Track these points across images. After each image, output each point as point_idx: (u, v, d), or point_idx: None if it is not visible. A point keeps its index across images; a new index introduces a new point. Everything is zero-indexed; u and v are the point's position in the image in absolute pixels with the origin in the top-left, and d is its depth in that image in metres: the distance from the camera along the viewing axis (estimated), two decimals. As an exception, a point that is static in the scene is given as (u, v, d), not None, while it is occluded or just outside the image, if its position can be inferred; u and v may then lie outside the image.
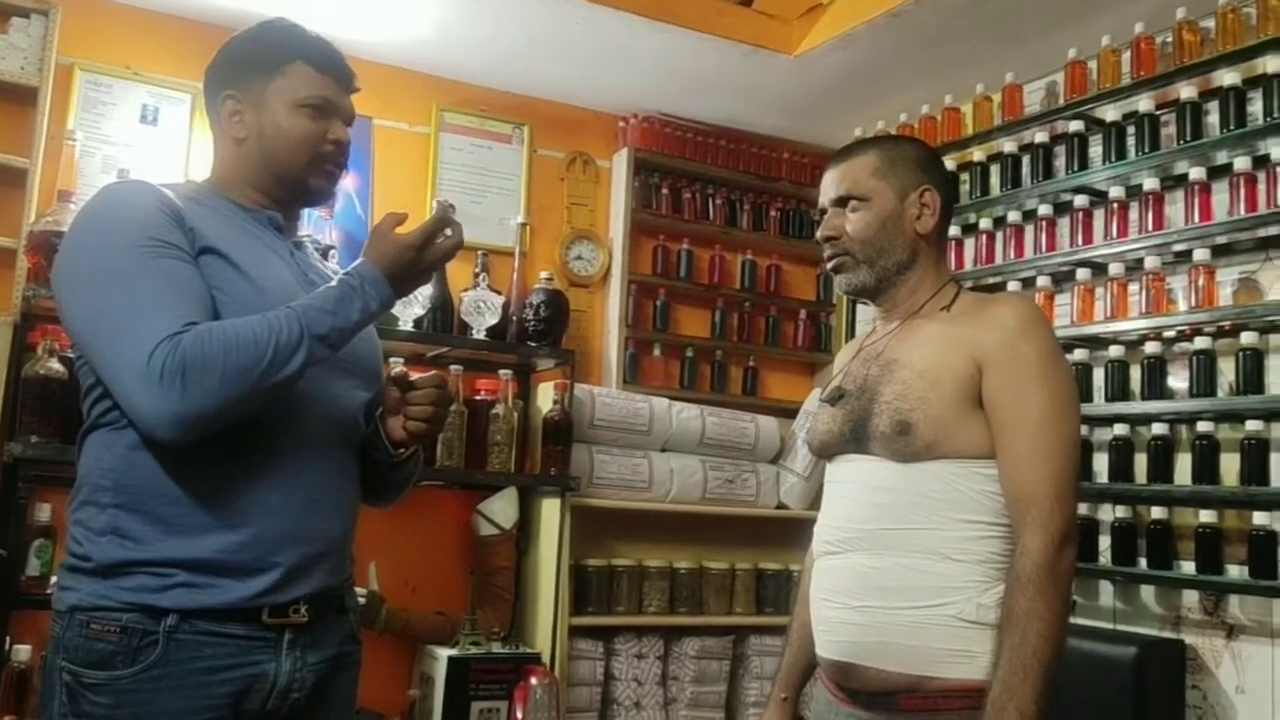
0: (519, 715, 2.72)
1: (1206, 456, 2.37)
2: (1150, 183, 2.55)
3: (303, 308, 1.29)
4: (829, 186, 1.60)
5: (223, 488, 1.30)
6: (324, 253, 2.35)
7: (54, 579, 2.27)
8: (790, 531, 3.22)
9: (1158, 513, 2.45)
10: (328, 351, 1.31)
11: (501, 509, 2.99)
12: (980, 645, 1.39)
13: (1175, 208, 2.54)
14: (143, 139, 2.86)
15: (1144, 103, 2.59)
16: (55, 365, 2.38)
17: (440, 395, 1.44)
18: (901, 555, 1.45)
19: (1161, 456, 2.46)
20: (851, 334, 3.49)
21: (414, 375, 1.50)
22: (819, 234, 1.61)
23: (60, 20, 2.69)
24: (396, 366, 2.82)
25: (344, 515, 1.45)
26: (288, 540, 1.33)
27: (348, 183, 3.05)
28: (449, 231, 1.38)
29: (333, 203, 1.56)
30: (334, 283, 1.35)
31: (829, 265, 1.61)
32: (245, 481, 1.32)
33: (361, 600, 2.64)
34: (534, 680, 2.73)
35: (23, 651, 2.38)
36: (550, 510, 2.97)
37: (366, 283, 1.33)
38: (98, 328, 1.27)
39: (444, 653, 2.75)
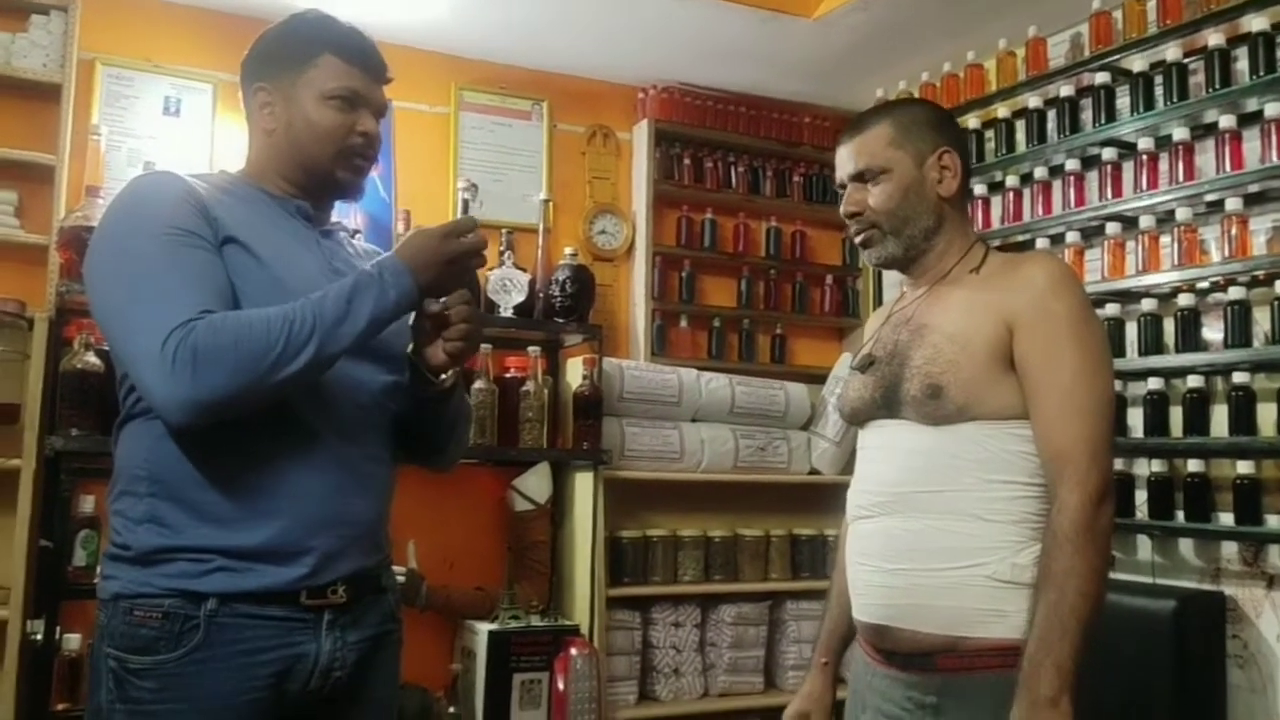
0: (560, 686, 2.75)
1: (1243, 407, 2.34)
2: (1180, 133, 2.51)
3: (319, 297, 1.30)
4: (845, 161, 1.58)
5: (255, 475, 1.32)
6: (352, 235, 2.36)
7: (99, 569, 2.32)
8: (823, 497, 3.22)
9: (1194, 465, 2.44)
10: (349, 340, 1.30)
11: (535, 484, 3.01)
12: (1014, 604, 1.40)
13: (1206, 157, 2.50)
14: (166, 131, 2.89)
15: (1171, 51, 2.55)
16: (92, 359, 2.42)
17: (471, 311, 1.42)
18: (935, 517, 1.45)
19: (1197, 409, 2.44)
20: (879, 298, 3.47)
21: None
22: (842, 210, 1.60)
23: (80, 15, 2.71)
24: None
25: (377, 497, 1.46)
26: (321, 525, 1.35)
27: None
28: (472, 236, 1.40)
29: (361, 194, 1.56)
30: (356, 273, 1.36)
31: (857, 240, 1.60)
32: (277, 468, 1.33)
33: (401, 579, 2.72)
34: (574, 651, 2.76)
35: (73, 640, 2.44)
36: (584, 484, 2.99)
37: (386, 272, 1.34)
38: (118, 316, 1.29)
39: (484, 627, 2.79)
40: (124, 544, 1.33)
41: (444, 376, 1.47)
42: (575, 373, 3.05)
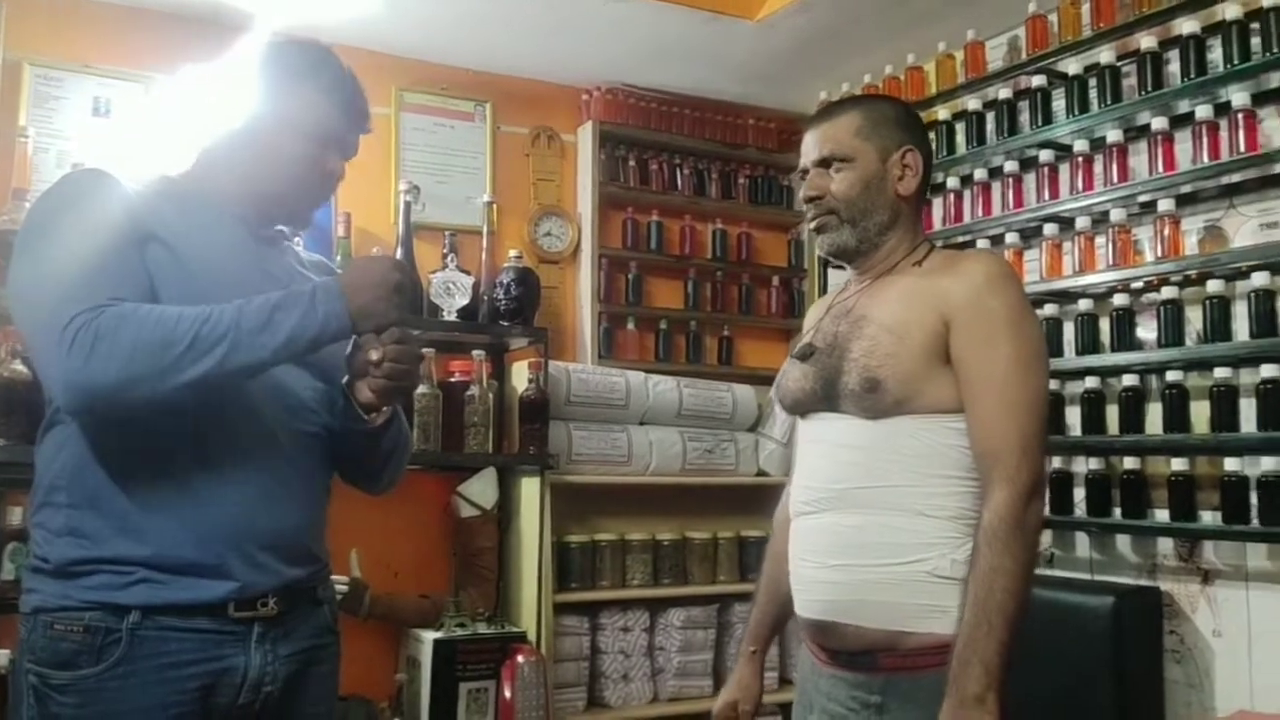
0: (507, 694, 2.73)
1: (1177, 405, 2.39)
2: (1114, 135, 2.56)
3: (242, 304, 1.27)
4: (811, 147, 1.59)
5: (176, 485, 1.29)
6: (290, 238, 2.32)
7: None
8: (771, 498, 3.17)
9: (1130, 463, 2.48)
10: (265, 353, 1.25)
11: (481, 490, 2.98)
12: (954, 600, 1.40)
13: (1139, 159, 2.54)
14: (96, 132, 2.81)
15: (1105, 54, 2.59)
16: (18, 367, 2.35)
17: (403, 352, 1.37)
18: (875, 513, 1.46)
19: (1133, 407, 2.48)
20: (824, 299, 3.49)
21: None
22: (802, 194, 1.61)
23: (6, 15, 2.64)
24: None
25: (306, 506, 1.43)
26: (245, 535, 1.32)
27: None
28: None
29: (307, 226, 1.54)
30: (288, 289, 1.32)
31: (812, 225, 1.61)
32: (199, 478, 1.30)
33: (344, 588, 2.67)
34: (521, 659, 2.74)
35: (1, 657, 2.37)
36: (530, 489, 2.96)
37: (319, 290, 1.30)
38: (30, 301, 1.27)
39: (429, 635, 2.75)
40: (44, 556, 1.29)
41: (373, 415, 1.44)
42: (521, 376, 3.03)
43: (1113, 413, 2.54)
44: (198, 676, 1.29)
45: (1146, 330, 2.51)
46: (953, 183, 2.99)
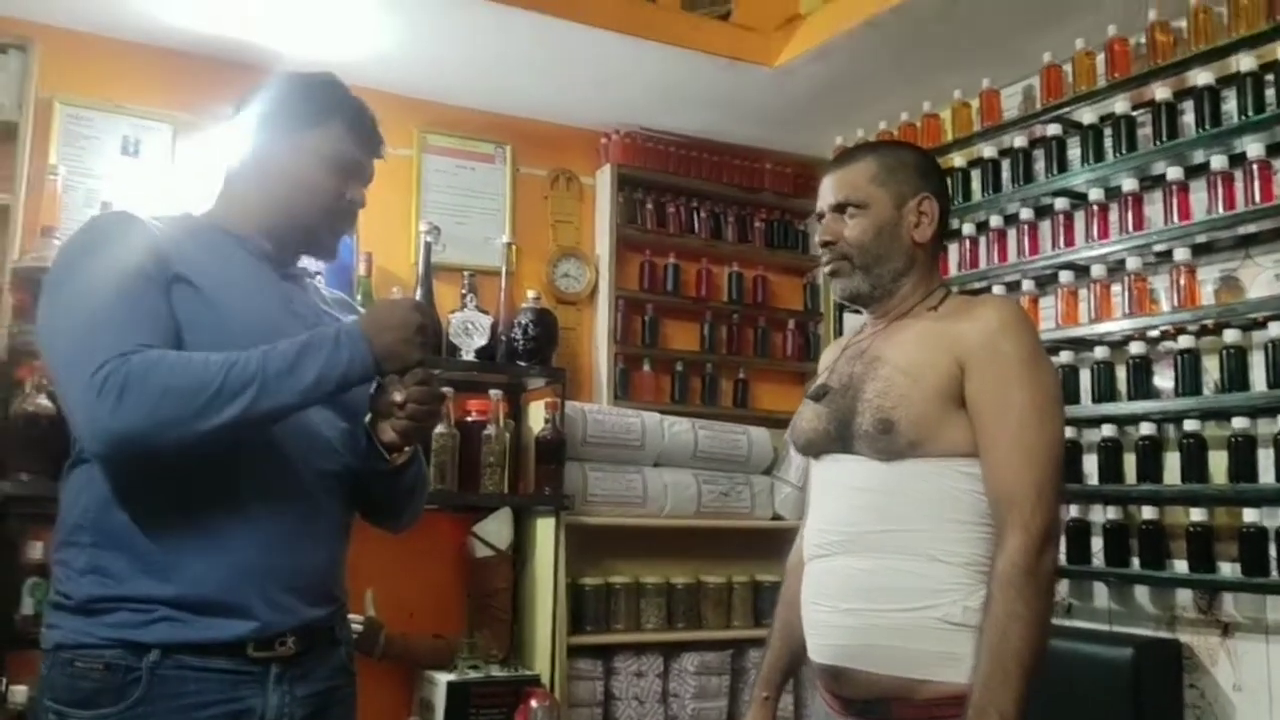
0: (520, 737, 2.71)
1: (1195, 455, 2.38)
2: (1129, 184, 2.57)
3: (268, 349, 1.28)
4: (827, 192, 1.60)
5: (199, 524, 1.30)
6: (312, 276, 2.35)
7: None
8: (786, 542, 3.14)
9: (1149, 512, 2.46)
10: (291, 397, 1.28)
11: (496, 530, 2.99)
12: (967, 648, 1.39)
13: (1155, 208, 2.56)
14: (125, 171, 2.86)
15: (1120, 104, 2.61)
16: (43, 401, 2.37)
17: (426, 393, 1.40)
18: (887, 557, 1.46)
19: (1150, 456, 2.47)
20: (840, 342, 3.49)
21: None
22: (817, 238, 1.62)
23: (39, 55, 2.69)
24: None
25: (328, 545, 1.44)
26: (268, 575, 1.32)
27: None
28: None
29: (335, 257, 1.57)
30: (312, 331, 1.35)
31: (826, 269, 1.62)
32: (223, 518, 1.31)
33: (359, 628, 2.67)
34: (534, 703, 2.72)
35: (20, 693, 2.37)
36: (545, 530, 2.96)
37: (342, 333, 1.33)
38: (59, 345, 1.28)
39: (443, 678, 2.74)
40: (66, 593, 1.30)
41: (395, 455, 1.46)
42: (537, 416, 3.04)
43: (1130, 461, 2.53)
44: (217, 718, 1.29)
45: (1164, 379, 2.50)
46: (968, 229, 3.00)
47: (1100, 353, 2.60)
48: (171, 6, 2.72)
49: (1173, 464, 2.45)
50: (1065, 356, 2.67)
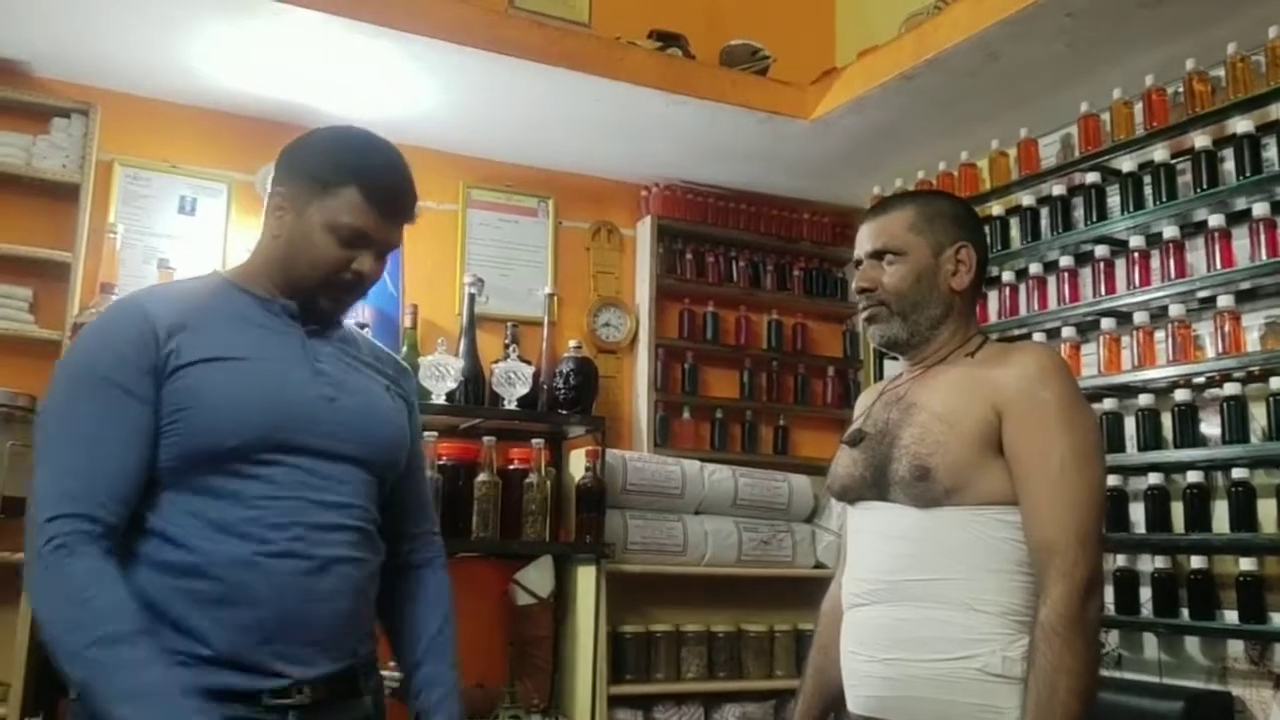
0: (561, 787, 2.70)
1: (1243, 503, 2.34)
2: (1170, 231, 2.57)
3: (131, 657, 1.24)
4: (865, 239, 1.62)
5: (209, 580, 1.30)
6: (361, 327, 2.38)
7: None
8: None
9: (1197, 562, 2.42)
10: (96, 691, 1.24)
11: (538, 578, 3.00)
12: (1007, 700, 1.38)
13: (1197, 254, 2.55)
14: (182, 229, 2.96)
15: (1159, 152, 2.61)
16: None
17: None
18: (925, 606, 1.45)
19: (1198, 504, 2.44)
20: (880, 390, 3.49)
21: None
22: (855, 285, 1.64)
23: (100, 118, 2.81)
24: (430, 440, 2.86)
25: (350, 596, 1.40)
26: (280, 632, 1.32)
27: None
28: None
29: (339, 322, 1.57)
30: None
31: (864, 315, 1.63)
32: (236, 572, 1.31)
33: (396, 678, 2.67)
34: (575, 751, 2.72)
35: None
36: (586, 578, 2.98)
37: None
38: (37, 459, 1.32)
39: (485, 726, 2.75)
40: None
41: None
42: (578, 465, 3.07)
43: (1178, 510, 2.50)
44: None
45: (1210, 426, 2.48)
46: (1007, 276, 3.01)
47: (1144, 400, 2.58)
48: (227, 71, 2.82)
49: (1221, 512, 2.42)
50: (1109, 404, 2.65)
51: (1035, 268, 2.92)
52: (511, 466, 3.02)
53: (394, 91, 2.92)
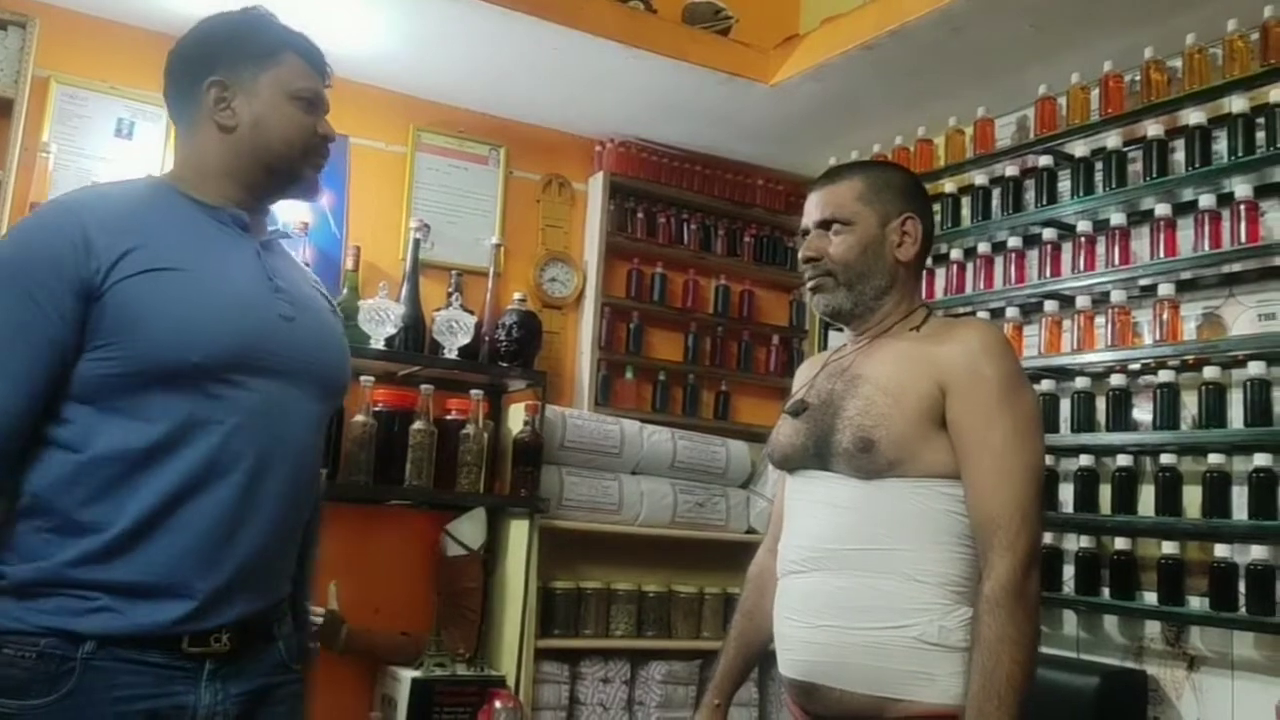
0: (483, 739, 2.70)
1: (1169, 488, 2.39)
2: (1117, 218, 2.59)
3: None
4: (813, 209, 1.61)
5: (144, 507, 1.25)
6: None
7: None
8: (759, 557, 3.21)
9: (1121, 543, 2.48)
10: None
11: (469, 529, 2.97)
12: (941, 667, 1.40)
13: (1141, 243, 2.58)
14: (117, 152, 2.85)
15: (1112, 139, 2.63)
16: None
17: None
18: (864, 575, 1.46)
19: (1126, 487, 2.49)
20: (823, 361, 3.51)
21: None
22: (801, 254, 1.63)
23: (38, 32, 2.68)
24: (367, 386, 2.81)
25: (279, 536, 1.36)
26: (210, 563, 1.27)
27: (323, 200, 3.05)
28: None
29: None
30: None
31: (809, 285, 1.62)
32: (167, 500, 1.26)
33: (319, 620, 2.64)
34: (498, 704, 2.71)
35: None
36: (519, 531, 2.96)
37: None
38: None
39: (407, 674, 2.73)
40: (2, 574, 1.24)
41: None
42: (517, 418, 3.04)
43: (1105, 492, 2.55)
44: (147, 713, 1.24)
45: (1142, 412, 2.52)
46: (956, 254, 3.02)
47: (1081, 383, 2.62)
48: (172, -11, 2.70)
49: (1147, 496, 2.47)
50: (1046, 385, 2.69)
51: (984, 247, 2.94)
52: (449, 417, 2.98)
53: (343, 27, 2.82)
